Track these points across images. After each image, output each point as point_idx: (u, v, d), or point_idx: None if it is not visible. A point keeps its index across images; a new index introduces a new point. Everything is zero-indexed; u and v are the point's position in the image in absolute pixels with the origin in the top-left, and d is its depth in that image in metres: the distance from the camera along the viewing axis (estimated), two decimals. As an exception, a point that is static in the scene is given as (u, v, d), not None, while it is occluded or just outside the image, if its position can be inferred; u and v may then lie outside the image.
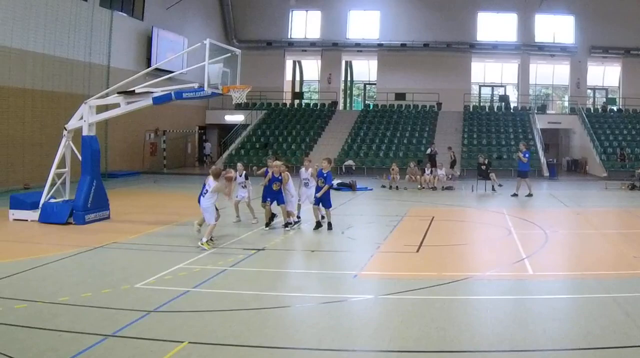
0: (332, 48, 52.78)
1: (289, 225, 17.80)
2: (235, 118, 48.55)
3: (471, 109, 50.00)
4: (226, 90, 18.00)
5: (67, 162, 19.44)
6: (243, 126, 47.14)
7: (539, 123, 45.64)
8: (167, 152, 42.78)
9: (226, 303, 10.23)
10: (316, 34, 53.22)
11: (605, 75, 52.71)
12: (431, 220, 19.75)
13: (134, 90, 18.73)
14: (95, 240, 15.60)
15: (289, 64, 55.43)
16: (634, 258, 14.04)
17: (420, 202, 25.43)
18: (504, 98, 51.94)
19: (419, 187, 30.43)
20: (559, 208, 24.22)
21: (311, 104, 53.58)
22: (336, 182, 29.38)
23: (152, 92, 18.44)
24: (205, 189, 15.11)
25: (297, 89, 55.78)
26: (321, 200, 17.73)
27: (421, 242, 15.98)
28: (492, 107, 51.23)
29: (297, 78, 56.47)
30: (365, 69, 55.93)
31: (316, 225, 17.71)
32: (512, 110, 49.71)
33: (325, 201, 17.79)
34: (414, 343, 8.46)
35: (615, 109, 49.40)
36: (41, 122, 28.91)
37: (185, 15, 43.84)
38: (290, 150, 42.97)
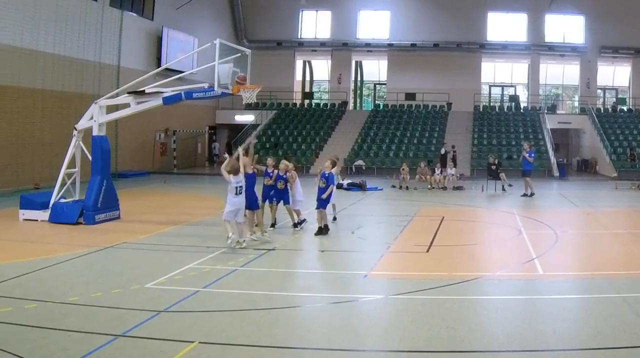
0: (342, 48, 52.75)
1: (297, 225, 17.69)
2: (245, 118, 48.54)
3: (481, 109, 49.86)
4: (236, 90, 17.97)
5: (77, 162, 19.49)
6: (253, 126, 47.05)
7: (549, 123, 45.51)
8: (177, 152, 42.88)
9: (236, 303, 10.23)
10: (326, 34, 53.19)
11: (615, 75, 52.49)
12: (441, 220, 19.72)
13: (144, 90, 18.75)
14: (105, 240, 15.64)
15: (299, 64, 55.47)
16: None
17: (430, 202, 25.39)
18: (514, 98, 51.83)
19: (429, 187, 30.38)
20: (569, 208, 24.16)
21: (321, 104, 53.64)
22: (346, 182, 29.45)
23: (162, 92, 18.46)
24: (239, 186, 14.69)
25: (307, 89, 55.78)
26: (325, 202, 17.24)
27: (431, 242, 15.96)
28: (502, 107, 51.14)
29: (307, 78, 56.53)
30: (375, 69, 55.89)
31: (318, 231, 16.94)
32: (522, 110, 49.54)
33: (320, 201, 17.17)
34: (424, 343, 8.45)
35: (625, 109, 49.15)
36: (51, 122, 28.93)
37: (195, 15, 43.80)
38: (301, 150, 42.95)
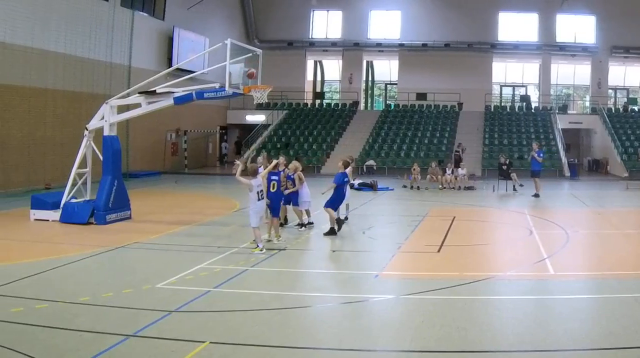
0: (353, 48, 52.64)
1: (303, 225, 17.64)
2: (256, 118, 48.54)
3: (492, 109, 49.70)
4: (247, 90, 17.99)
5: (88, 162, 19.52)
6: (264, 126, 47.11)
7: (560, 123, 45.29)
8: (188, 152, 42.89)
9: (247, 303, 10.23)
10: (337, 34, 53.10)
11: (626, 75, 52.07)
12: (452, 220, 19.67)
13: (155, 90, 18.80)
14: (116, 240, 15.69)
15: (310, 64, 55.39)
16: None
17: (441, 202, 25.35)
18: (525, 98, 51.59)
19: (440, 187, 30.32)
20: (580, 208, 24.08)
21: (332, 104, 53.56)
22: (357, 182, 29.39)
23: (173, 92, 18.48)
24: (261, 190, 14.53)
25: (318, 89, 55.70)
26: (331, 202, 17.15)
27: (442, 242, 15.94)
28: (513, 107, 50.91)
29: (318, 78, 56.47)
30: (386, 68, 55.73)
31: (328, 231, 16.82)
32: (533, 110, 49.32)
33: (328, 201, 17.11)
34: (435, 343, 8.44)
35: (636, 109, 48.72)
36: (62, 122, 29.07)
37: (206, 15, 43.80)
38: (312, 150, 42.94)
